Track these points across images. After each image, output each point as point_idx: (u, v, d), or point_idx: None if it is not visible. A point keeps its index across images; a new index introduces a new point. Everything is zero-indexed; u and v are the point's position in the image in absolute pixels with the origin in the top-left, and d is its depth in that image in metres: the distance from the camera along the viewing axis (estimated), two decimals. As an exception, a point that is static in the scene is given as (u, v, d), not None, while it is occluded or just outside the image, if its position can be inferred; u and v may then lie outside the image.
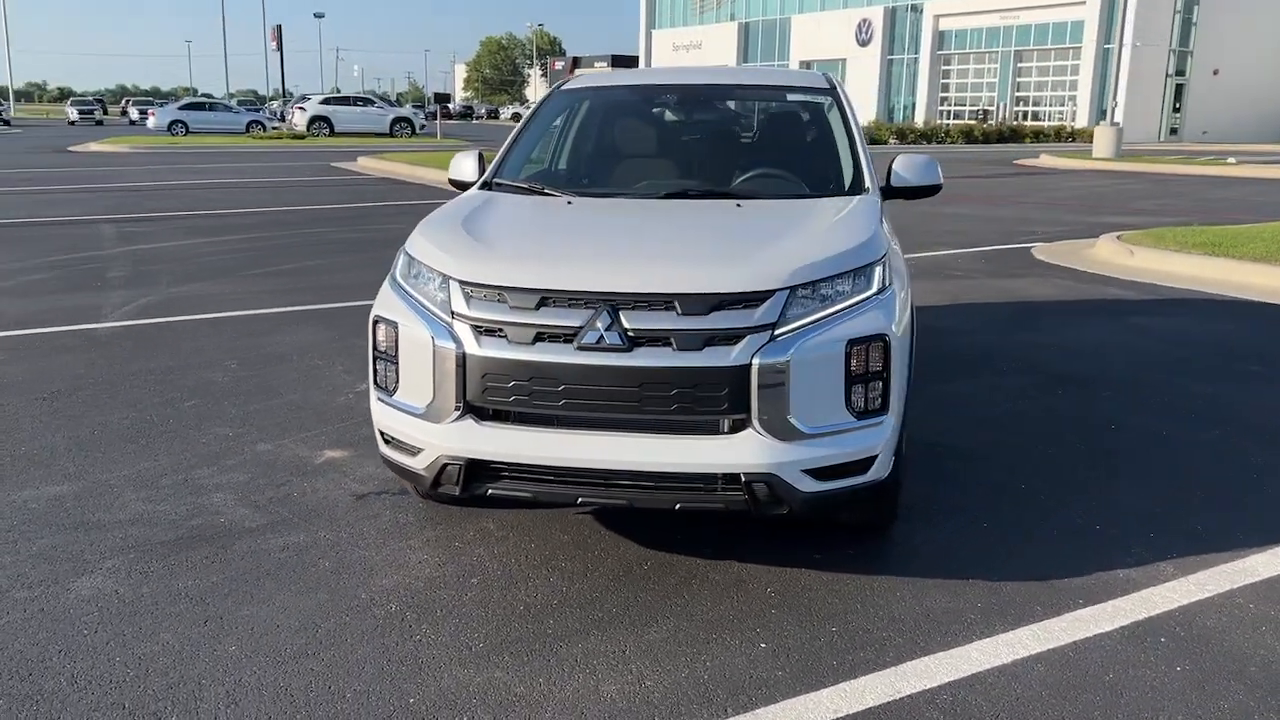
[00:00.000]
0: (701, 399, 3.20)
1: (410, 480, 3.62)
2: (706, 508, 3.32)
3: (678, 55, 69.24)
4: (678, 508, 3.31)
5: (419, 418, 3.44)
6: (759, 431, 3.22)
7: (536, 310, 3.29)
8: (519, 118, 5.08)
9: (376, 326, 3.59)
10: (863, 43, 57.67)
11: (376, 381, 3.63)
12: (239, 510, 4.19)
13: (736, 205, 4.02)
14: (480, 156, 4.81)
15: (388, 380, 3.56)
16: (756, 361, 3.17)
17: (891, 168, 4.43)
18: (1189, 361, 6.64)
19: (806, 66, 60.75)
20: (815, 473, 3.29)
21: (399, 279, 3.67)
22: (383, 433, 3.63)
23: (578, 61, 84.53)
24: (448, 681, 2.98)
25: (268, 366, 6.34)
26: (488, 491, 3.39)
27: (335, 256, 11.12)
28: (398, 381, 3.52)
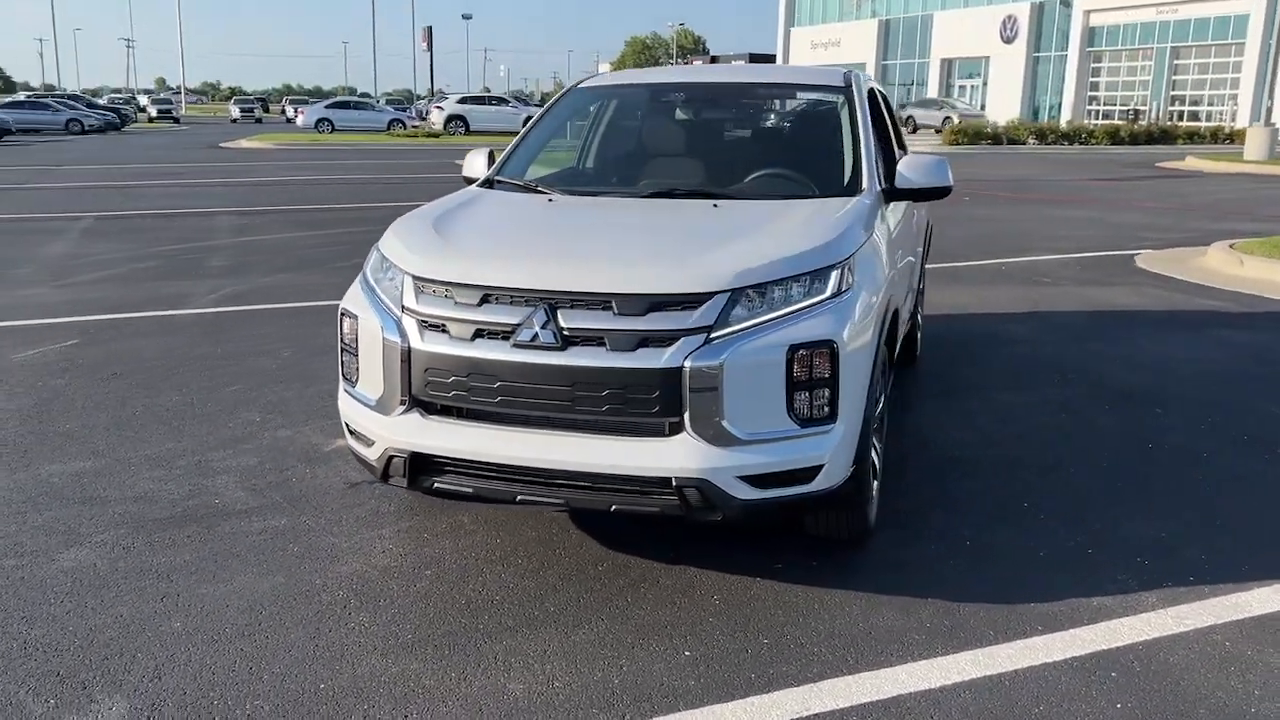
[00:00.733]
0: (633, 401, 3.16)
1: (368, 470, 3.69)
2: (641, 511, 3.28)
3: (815, 53, 68.35)
4: (613, 509, 3.28)
5: (372, 409, 3.52)
6: (692, 436, 3.16)
7: (479, 307, 3.31)
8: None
9: (342, 319, 3.68)
10: (1007, 40, 55.70)
11: (343, 373, 3.72)
12: (235, 493, 4.35)
13: (713, 205, 3.95)
14: (490, 154, 4.87)
15: (351, 372, 3.65)
16: (688, 364, 3.11)
17: (897, 169, 4.27)
18: (1264, 381, 6.19)
19: (947, 65, 59.33)
20: (752, 480, 3.21)
21: (368, 274, 3.75)
22: (346, 424, 3.72)
23: (715, 60, 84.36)
24: (362, 670, 3.03)
25: (317, 356, 6.56)
26: (433, 485, 3.43)
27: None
28: (358, 374, 3.59)
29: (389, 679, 2.98)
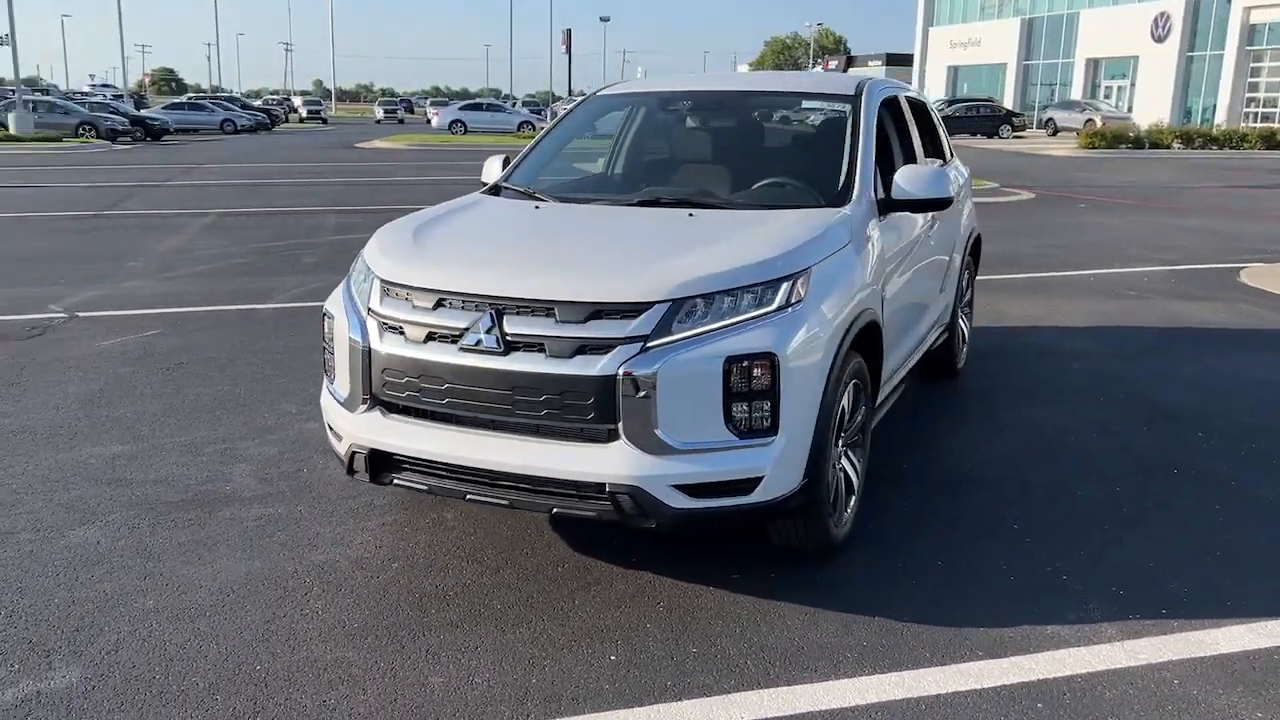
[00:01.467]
0: (570, 407, 3.22)
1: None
2: (580, 515, 3.34)
3: (955, 53, 66.65)
4: (554, 512, 3.35)
5: (342, 406, 3.68)
6: (627, 443, 3.20)
7: (433, 310, 3.42)
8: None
9: (323, 319, 3.85)
10: (1159, 39, 53.06)
11: (324, 370, 3.89)
12: (246, 481, 4.59)
13: (689, 215, 3.97)
14: (505, 160, 4.99)
15: (329, 370, 3.82)
16: (622, 372, 3.15)
17: (893, 180, 4.20)
18: (1335, 405, 5.81)
19: (1093, 65, 56.95)
20: (687, 489, 3.23)
21: (351, 277, 3.91)
22: (325, 419, 3.88)
23: (851, 61, 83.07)
24: (301, 655, 3.18)
25: (370, 352, 6.81)
26: (392, 481, 3.57)
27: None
28: (334, 372, 3.76)
29: (322, 665, 3.12)
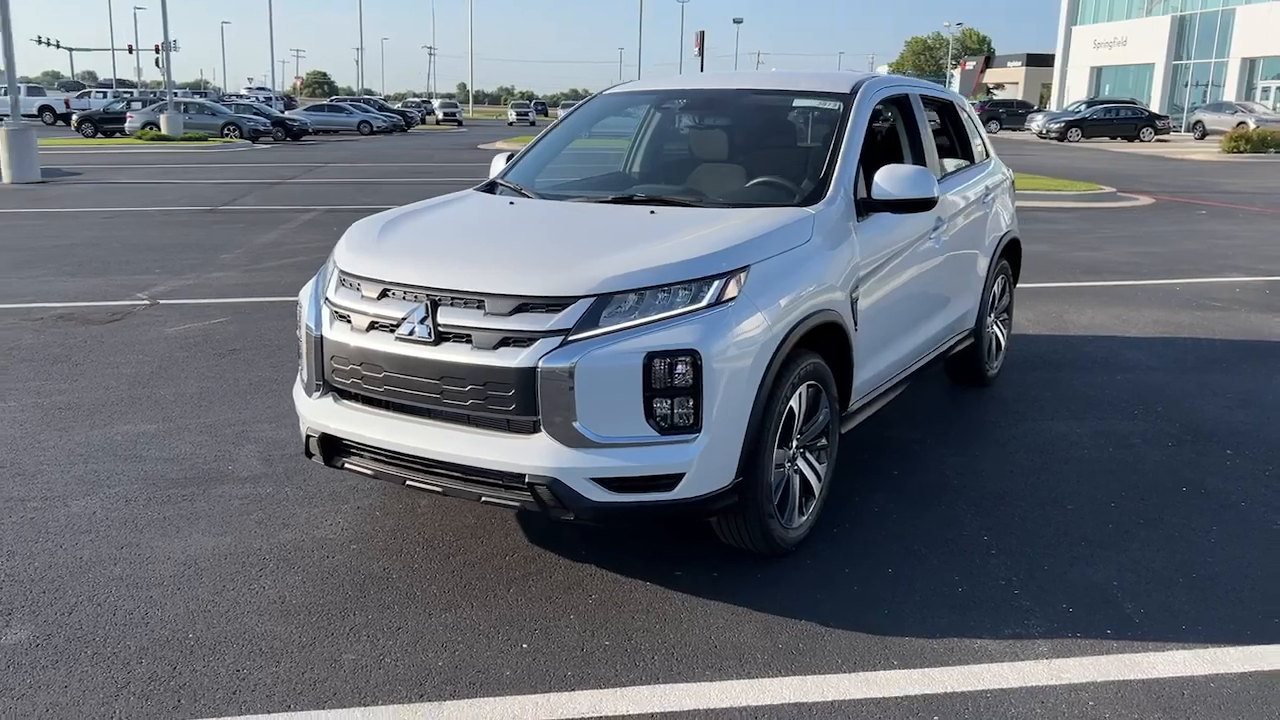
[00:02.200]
0: (493, 398, 3.28)
1: (309, 447, 4.00)
2: (506, 504, 3.40)
3: (1099, 53, 64.02)
4: (482, 501, 3.42)
5: (303, 390, 3.83)
6: (547, 435, 3.25)
7: (378, 300, 3.54)
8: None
9: (297, 308, 4.01)
10: (1322, 36, 49.91)
11: (297, 355, 4.06)
12: (249, 461, 4.81)
13: (650, 212, 3.98)
14: (509, 157, 5.09)
15: (299, 355, 3.98)
16: (541, 365, 3.20)
17: (874, 180, 4.12)
18: (1396, 427, 5.40)
19: (1249, 64, 53.87)
20: (606, 483, 3.25)
21: (324, 269, 4.06)
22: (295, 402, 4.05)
23: (989, 61, 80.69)
24: (233, 628, 3.33)
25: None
26: (343, 465, 3.70)
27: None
28: (300, 357, 3.92)
29: (249, 638, 3.26)
